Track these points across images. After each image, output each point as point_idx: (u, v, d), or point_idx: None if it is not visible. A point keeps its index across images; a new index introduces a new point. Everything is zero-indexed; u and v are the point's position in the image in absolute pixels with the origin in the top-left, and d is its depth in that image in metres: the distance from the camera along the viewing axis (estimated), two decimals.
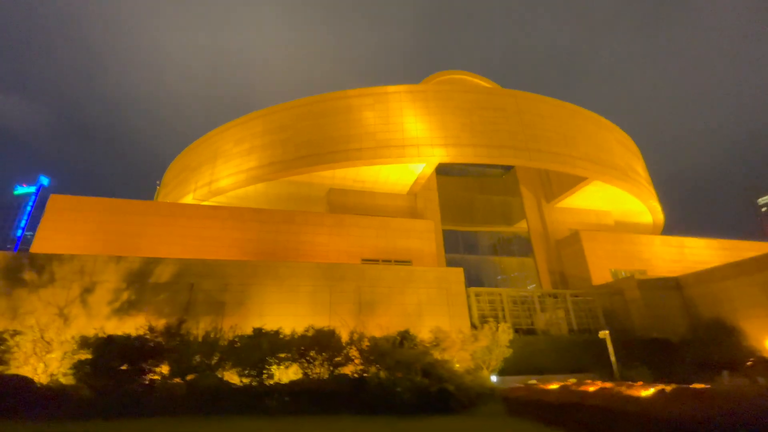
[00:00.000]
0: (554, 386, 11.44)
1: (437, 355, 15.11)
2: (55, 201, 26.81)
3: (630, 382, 11.10)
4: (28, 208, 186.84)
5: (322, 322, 22.40)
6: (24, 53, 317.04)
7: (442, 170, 42.75)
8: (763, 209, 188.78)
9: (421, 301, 25.31)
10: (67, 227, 26.34)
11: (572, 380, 12.12)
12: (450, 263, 36.34)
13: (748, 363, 24.29)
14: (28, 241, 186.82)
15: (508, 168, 45.40)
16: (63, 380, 16.50)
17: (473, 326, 22.94)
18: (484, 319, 26.94)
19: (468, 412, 12.98)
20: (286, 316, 22.70)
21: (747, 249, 41.98)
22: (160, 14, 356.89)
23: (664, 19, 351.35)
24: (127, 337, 15.63)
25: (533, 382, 13.56)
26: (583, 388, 10.36)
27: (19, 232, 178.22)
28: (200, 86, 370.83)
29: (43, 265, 21.01)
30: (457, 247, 39.97)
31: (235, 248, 28.56)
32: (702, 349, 25.95)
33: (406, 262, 31.62)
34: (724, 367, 24.69)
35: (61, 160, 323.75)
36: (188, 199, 37.52)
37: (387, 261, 31.39)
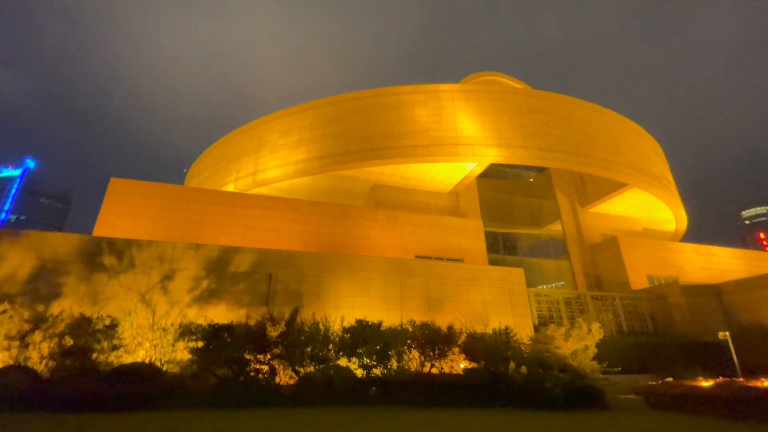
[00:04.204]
0: (706, 384, 11.98)
1: (559, 352, 15.44)
2: (115, 185, 25.99)
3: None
4: (13, 191, 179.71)
5: (394, 316, 22.57)
6: (11, 24, 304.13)
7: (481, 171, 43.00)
8: (747, 222, 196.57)
9: (486, 300, 25.60)
10: (128, 212, 25.61)
11: (708, 380, 12.71)
12: (491, 263, 36.71)
13: None
14: (10, 225, 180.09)
15: (541, 170, 46.09)
16: (168, 368, 16.17)
17: (540, 325, 23.34)
18: (542, 320, 27.44)
19: (610, 406, 13.31)
20: (360, 308, 22.65)
21: (765, 259, 44.00)
22: (158, 5, 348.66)
23: (659, 34, 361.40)
24: (246, 326, 15.38)
25: (670, 380, 14.04)
26: (739, 383, 11.21)
27: (2, 216, 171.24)
28: (196, 82, 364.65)
29: (122, 250, 20.42)
30: (496, 247, 40.43)
31: (296, 240, 28.27)
32: (745, 353, 27.12)
33: (457, 260, 31.84)
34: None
35: (48, 143, 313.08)
36: (230, 188, 36.89)
37: (439, 258, 31.55)
